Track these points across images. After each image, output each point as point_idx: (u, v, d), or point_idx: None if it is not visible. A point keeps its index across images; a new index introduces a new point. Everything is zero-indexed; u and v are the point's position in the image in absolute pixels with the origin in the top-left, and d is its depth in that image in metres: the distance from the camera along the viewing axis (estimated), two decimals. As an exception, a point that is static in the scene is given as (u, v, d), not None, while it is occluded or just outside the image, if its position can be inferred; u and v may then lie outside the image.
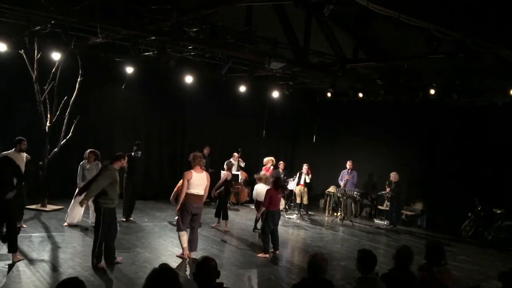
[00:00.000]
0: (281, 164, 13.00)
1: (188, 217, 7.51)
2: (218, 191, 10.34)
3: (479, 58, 7.34)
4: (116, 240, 7.17)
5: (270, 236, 8.45)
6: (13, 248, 6.58)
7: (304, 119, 15.24)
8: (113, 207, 6.87)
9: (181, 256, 7.69)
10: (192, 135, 14.05)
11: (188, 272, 7.02)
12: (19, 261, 6.61)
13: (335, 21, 9.56)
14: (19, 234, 8.01)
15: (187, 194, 7.41)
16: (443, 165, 12.55)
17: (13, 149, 8.51)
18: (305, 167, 12.91)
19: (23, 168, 8.17)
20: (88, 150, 9.32)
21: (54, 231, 8.63)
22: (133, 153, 10.00)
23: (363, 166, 13.66)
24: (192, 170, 7.51)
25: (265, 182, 9.67)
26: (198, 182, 7.45)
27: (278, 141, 15.71)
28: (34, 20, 8.24)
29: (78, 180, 9.20)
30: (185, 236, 7.64)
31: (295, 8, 6.55)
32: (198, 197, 7.51)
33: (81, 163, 9.30)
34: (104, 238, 6.79)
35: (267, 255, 8.33)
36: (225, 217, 10.29)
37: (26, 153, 8.72)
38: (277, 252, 8.62)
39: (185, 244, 7.63)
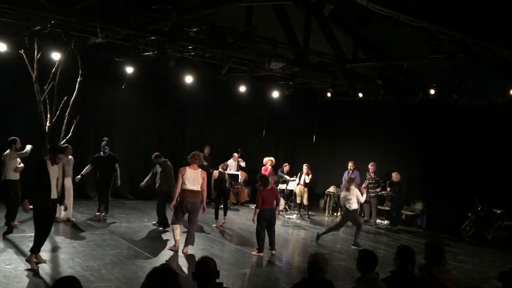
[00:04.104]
0: (286, 166, 13.08)
1: (183, 212, 7.79)
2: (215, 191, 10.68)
3: (479, 58, 7.34)
4: (116, 240, 7.16)
5: (264, 235, 8.41)
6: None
7: (304, 119, 15.22)
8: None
9: (172, 249, 7.95)
10: (192, 135, 14.04)
11: (187, 272, 7.02)
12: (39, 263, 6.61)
13: (335, 21, 9.56)
14: (19, 234, 8.03)
15: (182, 190, 7.71)
16: (443, 165, 12.54)
17: (9, 150, 8.45)
18: (305, 167, 12.89)
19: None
20: (65, 145, 9.27)
21: (54, 231, 8.62)
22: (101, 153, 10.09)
23: (363, 166, 13.62)
24: (186, 167, 7.79)
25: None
26: (191, 178, 7.71)
27: (278, 141, 15.70)
28: (34, 20, 8.21)
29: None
30: (178, 229, 7.91)
31: (295, 8, 6.55)
32: (193, 192, 7.74)
33: None
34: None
35: (261, 254, 8.34)
36: (216, 217, 10.60)
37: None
38: (273, 252, 8.55)
39: (178, 237, 7.90)
